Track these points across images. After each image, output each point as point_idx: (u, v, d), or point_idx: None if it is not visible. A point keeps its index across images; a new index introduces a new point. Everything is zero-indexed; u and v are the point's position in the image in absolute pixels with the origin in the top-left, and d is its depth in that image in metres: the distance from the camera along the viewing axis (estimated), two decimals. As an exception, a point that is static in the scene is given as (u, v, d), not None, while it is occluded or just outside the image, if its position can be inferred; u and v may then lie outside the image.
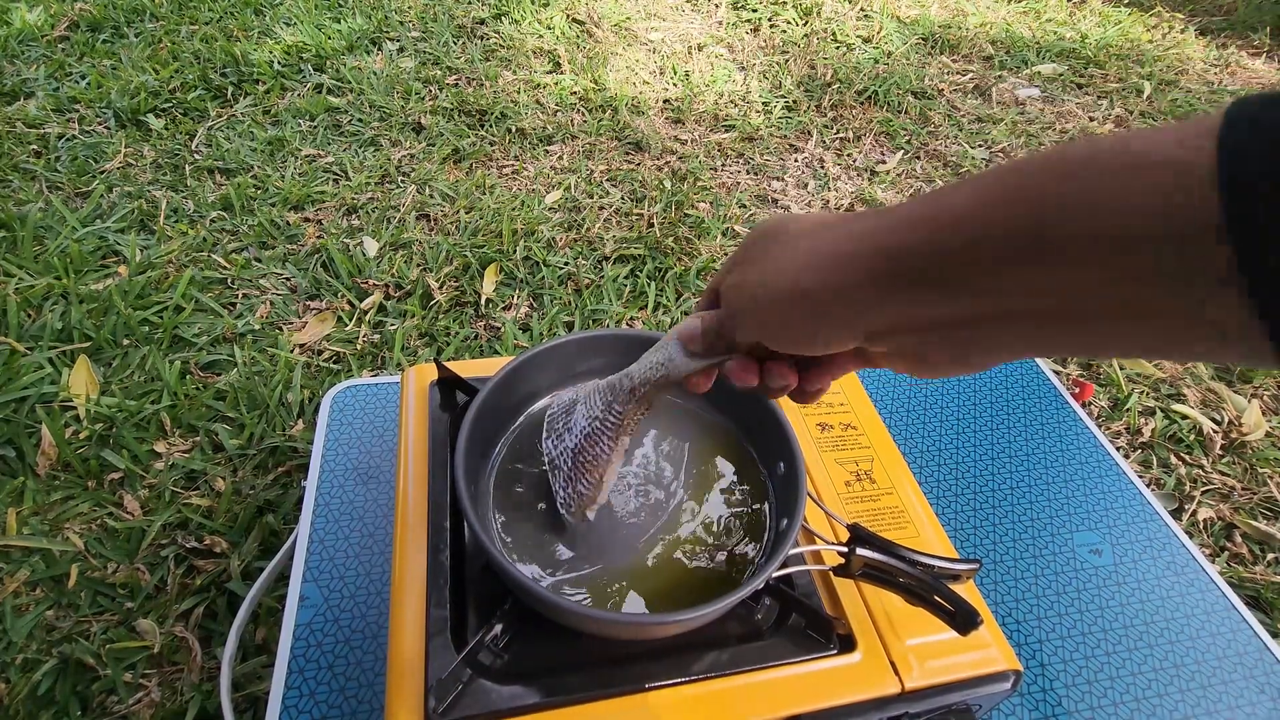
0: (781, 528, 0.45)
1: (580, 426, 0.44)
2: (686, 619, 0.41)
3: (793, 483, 0.46)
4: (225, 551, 0.79)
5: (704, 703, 0.42)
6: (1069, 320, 0.22)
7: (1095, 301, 0.21)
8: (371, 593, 0.59)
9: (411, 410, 0.56)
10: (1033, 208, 0.21)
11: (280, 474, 0.87)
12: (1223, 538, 0.91)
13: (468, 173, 1.43)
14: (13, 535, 0.79)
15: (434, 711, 0.39)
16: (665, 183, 1.42)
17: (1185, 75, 1.95)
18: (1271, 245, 0.16)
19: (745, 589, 0.40)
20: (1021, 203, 0.21)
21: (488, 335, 1.09)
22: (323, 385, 0.98)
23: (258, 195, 1.31)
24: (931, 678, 0.45)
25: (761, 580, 0.41)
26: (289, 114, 1.52)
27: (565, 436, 0.45)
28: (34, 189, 1.27)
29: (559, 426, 0.46)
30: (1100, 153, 0.20)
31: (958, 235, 0.23)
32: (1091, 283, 0.20)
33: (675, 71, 1.80)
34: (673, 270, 1.22)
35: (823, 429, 0.60)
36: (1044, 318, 0.22)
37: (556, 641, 0.44)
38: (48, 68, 1.57)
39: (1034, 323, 0.23)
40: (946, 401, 0.81)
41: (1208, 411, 1.05)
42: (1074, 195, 0.20)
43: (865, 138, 1.63)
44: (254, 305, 1.10)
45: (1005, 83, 1.87)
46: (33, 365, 0.95)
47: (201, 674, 0.70)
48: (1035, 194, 0.21)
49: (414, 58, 1.75)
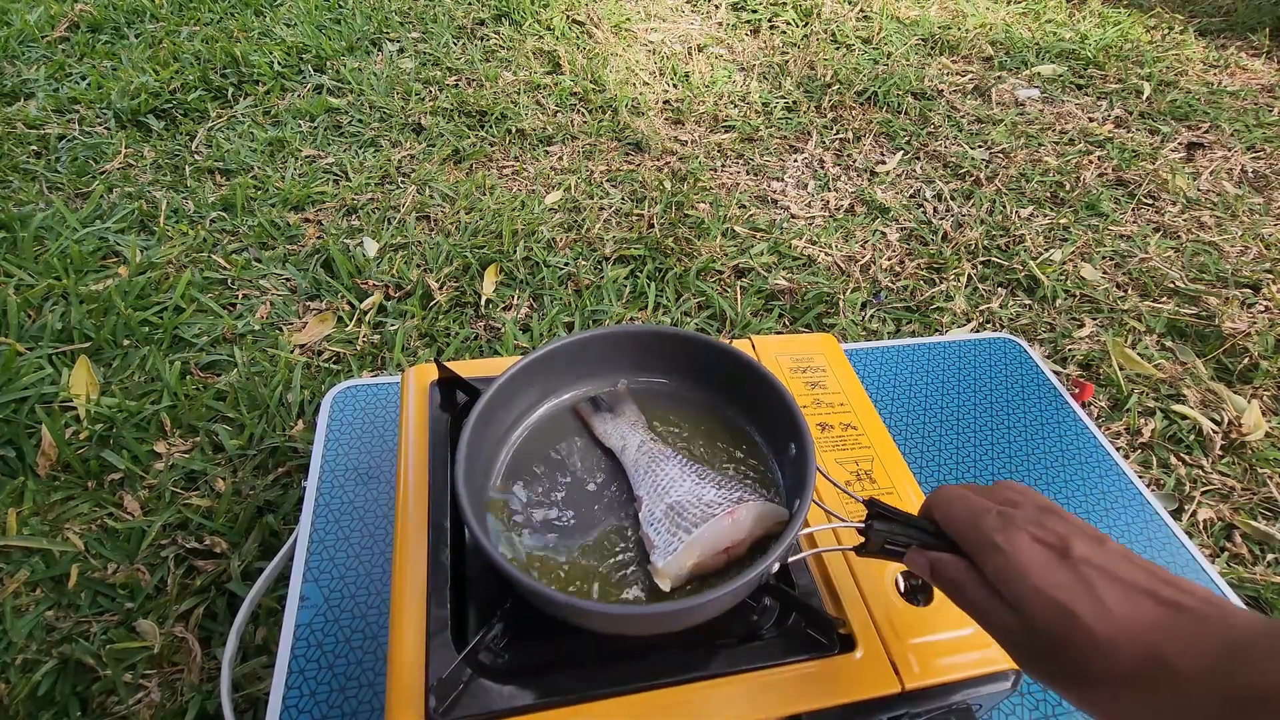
0: (794, 508, 0.45)
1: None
2: (688, 607, 0.40)
3: (802, 463, 0.45)
4: (225, 552, 0.79)
5: (704, 702, 0.42)
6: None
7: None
8: (371, 593, 0.59)
9: (412, 410, 0.56)
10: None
11: (280, 474, 0.87)
12: (1223, 538, 0.91)
13: (468, 173, 1.43)
14: (13, 535, 0.79)
15: (434, 711, 0.39)
16: (665, 183, 1.42)
17: (1185, 76, 1.95)
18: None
19: (758, 568, 0.40)
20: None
21: (488, 335, 1.09)
22: (323, 385, 0.98)
23: (258, 196, 1.31)
24: (932, 677, 0.45)
25: (774, 560, 0.40)
26: (289, 115, 1.52)
27: (706, 509, 0.45)
28: (34, 189, 1.27)
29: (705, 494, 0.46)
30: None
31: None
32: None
33: (675, 72, 1.80)
34: (673, 271, 1.22)
35: (823, 429, 0.60)
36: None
37: (557, 641, 0.44)
38: (48, 68, 1.58)
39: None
40: (946, 402, 0.81)
41: (1208, 412, 1.05)
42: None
43: (865, 138, 1.63)
44: (254, 306, 1.10)
45: (1005, 83, 1.87)
46: (33, 365, 0.95)
47: (201, 674, 0.70)
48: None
49: (414, 58, 1.75)
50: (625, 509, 0.49)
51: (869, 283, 1.24)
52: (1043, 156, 1.59)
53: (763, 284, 1.21)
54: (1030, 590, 0.32)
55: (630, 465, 0.50)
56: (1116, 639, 0.29)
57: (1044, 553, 0.32)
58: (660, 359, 0.56)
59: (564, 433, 0.54)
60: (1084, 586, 0.31)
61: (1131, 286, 1.29)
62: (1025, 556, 0.32)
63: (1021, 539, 0.33)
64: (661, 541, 0.44)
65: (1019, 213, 1.43)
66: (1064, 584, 0.31)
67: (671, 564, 0.43)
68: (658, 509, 0.46)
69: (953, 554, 0.37)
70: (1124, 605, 0.30)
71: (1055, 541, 0.33)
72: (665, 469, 0.48)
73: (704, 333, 1.14)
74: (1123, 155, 1.61)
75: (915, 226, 1.38)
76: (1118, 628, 0.29)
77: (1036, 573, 0.32)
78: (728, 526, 0.44)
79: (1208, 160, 1.62)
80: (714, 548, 0.44)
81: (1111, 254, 1.35)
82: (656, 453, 0.49)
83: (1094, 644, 0.29)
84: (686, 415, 0.55)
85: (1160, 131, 1.71)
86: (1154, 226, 1.43)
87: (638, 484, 0.49)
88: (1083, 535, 0.33)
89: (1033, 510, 0.35)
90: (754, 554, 0.46)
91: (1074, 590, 0.31)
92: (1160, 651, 0.28)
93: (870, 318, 1.18)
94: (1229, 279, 1.29)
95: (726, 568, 0.45)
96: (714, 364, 0.54)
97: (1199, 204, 1.49)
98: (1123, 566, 0.31)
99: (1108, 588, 0.30)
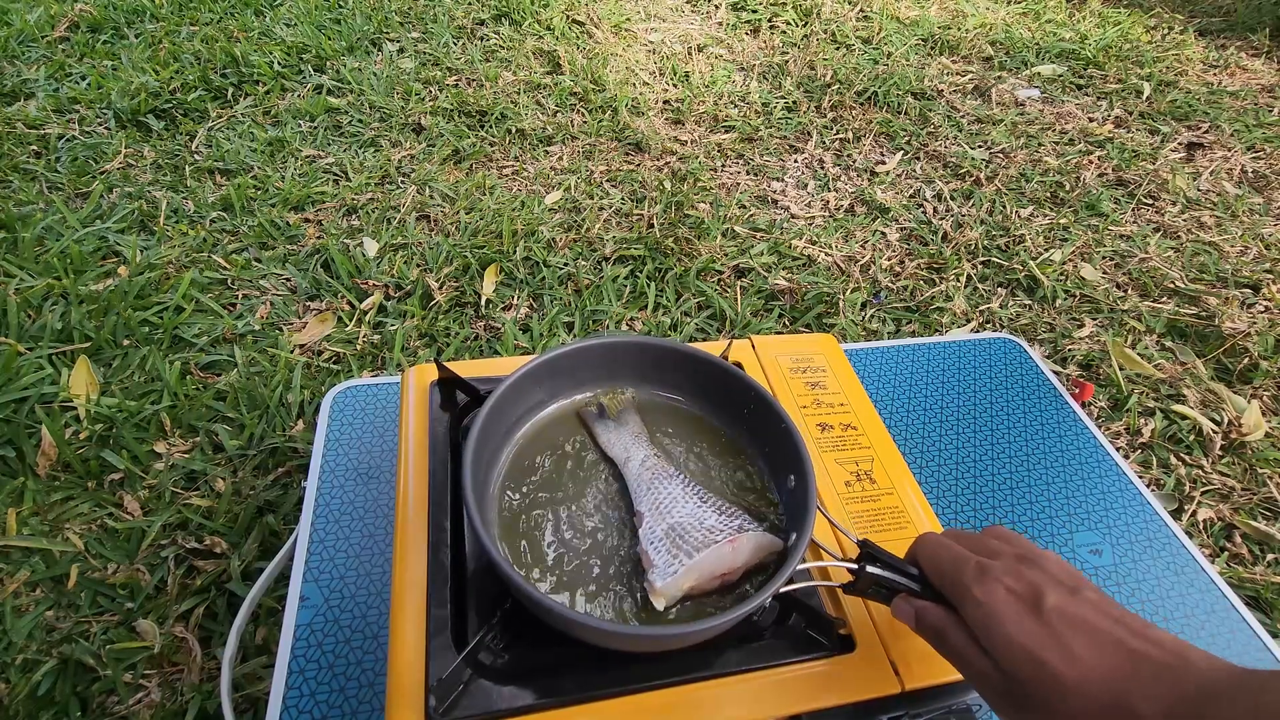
0: (790, 542, 0.45)
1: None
2: (688, 633, 0.41)
3: (802, 497, 0.46)
4: (225, 552, 0.79)
5: (704, 703, 0.42)
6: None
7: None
8: (371, 593, 0.59)
9: (412, 410, 0.56)
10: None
11: (280, 474, 0.87)
12: (1222, 538, 0.91)
13: (468, 173, 1.43)
14: (13, 535, 0.79)
15: (434, 711, 0.39)
16: (665, 183, 1.42)
17: (1185, 76, 1.95)
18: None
19: (752, 603, 0.40)
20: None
21: (488, 336, 1.09)
22: (323, 385, 0.98)
23: (258, 196, 1.31)
24: (932, 678, 0.45)
25: (768, 595, 0.40)
26: (289, 115, 1.52)
27: (705, 532, 0.45)
28: (34, 189, 1.27)
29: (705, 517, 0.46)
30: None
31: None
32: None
33: (675, 72, 1.80)
34: (673, 271, 1.22)
35: (823, 429, 0.60)
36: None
37: (558, 642, 0.43)
38: (48, 68, 1.57)
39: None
40: (946, 401, 0.81)
41: (1207, 412, 1.05)
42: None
43: (865, 138, 1.63)
44: (254, 306, 1.10)
45: (1005, 84, 1.87)
46: (33, 365, 0.95)
47: (201, 674, 0.70)
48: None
49: (414, 58, 1.75)
50: (624, 522, 0.49)
51: (869, 283, 1.24)
52: (1043, 156, 1.59)
53: (763, 284, 1.21)
54: (1003, 639, 0.34)
55: (633, 479, 0.50)
56: (1084, 686, 0.31)
57: (1016, 604, 0.34)
58: (669, 373, 0.57)
59: (567, 436, 0.54)
60: (1053, 637, 0.32)
61: (1131, 286, 1.29)
62: (999, 607, 0.34)
63: (997, 591, 0.35)
64: (661, 561, 0.44)
65: (1019, 213, 1.43)
66: (1034, 633, 0.33)
67: (670, 585, 0.43)
68: (658, 528, 0.46)
69: (936, 603, 0.39)
70: (1091, 654, 0.32)
71: (1028, 593, 0.34)
72: (668, 488, 0.48)
73: (704, 334, 1.14)
74: (1123, 155, 1.61)
75: (915, 226, 1.38)
76: (1085, 676, 0.31)
77: (1010, 623, 0.34)
78: (728, 554, 0.44)
79: (1208, 160, 1.62)
80: (712, 573, 0.44)
81: (1111, 254, 1.35)
82: (660, 470, 0.50)
83: (1062, 691, 0.31)
84: (689, 429, 0.55)
85: (1160, 131, 1.71)
86: (1154, 226, 1.43)
87: (639, 499, 0.49)
88: (1056, 585, 0.35)
89: (1011, 561, 0.37)
90: (746, 580, 0.47)
91: (1044, 639, 0.33)
92: (1126, 699, 0.30)
93: (870, 318, 1.18)
94: (1229, 279, 1.29)
95: (719, 591, 0.46)
96: (722, 385, 0.54)
97: (1199, 204, 1.49)
98: (1093, 616, 0.33)
99: (1074, 637, 0.32)
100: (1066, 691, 0.31)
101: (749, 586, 0.46)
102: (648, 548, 0.45)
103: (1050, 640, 0.32)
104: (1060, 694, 0.31)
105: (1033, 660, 0.32)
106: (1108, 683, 0.31)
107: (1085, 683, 0.31)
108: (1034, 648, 0.32)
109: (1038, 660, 0.32)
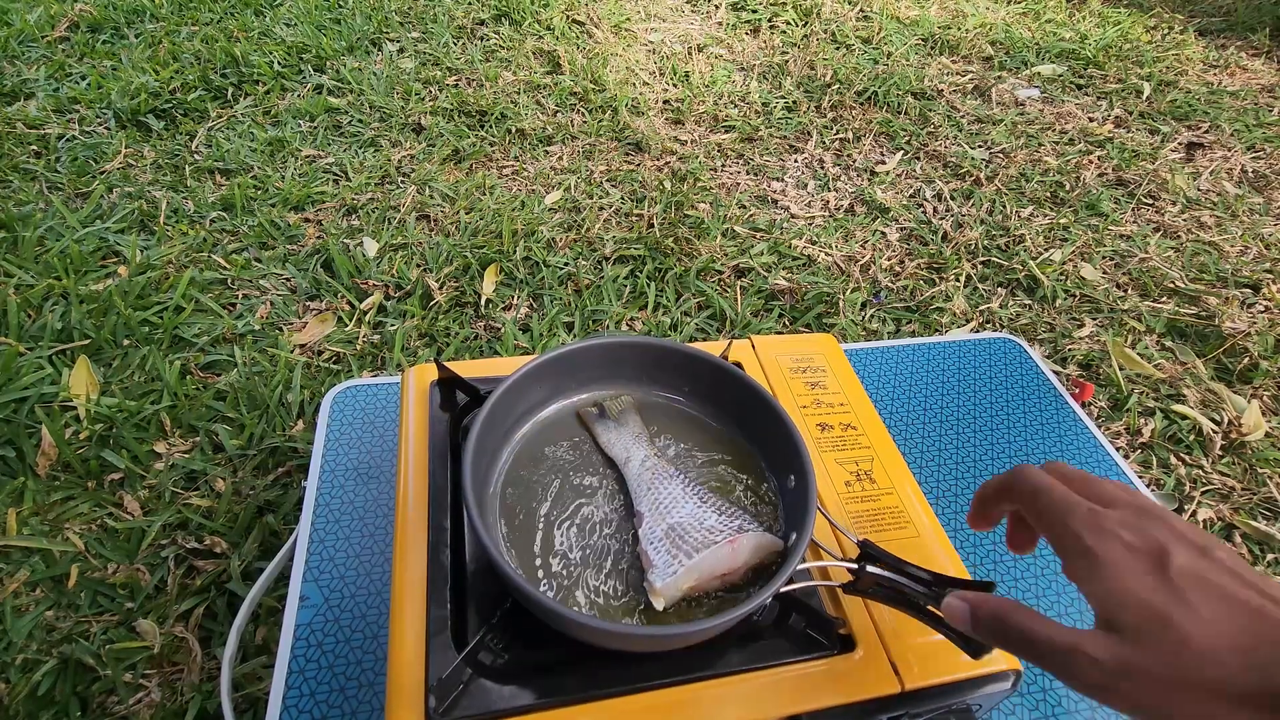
0: (790, 542, 0.45)
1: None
2: (688, 633, 0.41)
3: (803, 497, 0.46)
4: (225, 552, 0.79)
5: (704, 703, 0.42)
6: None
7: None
8: (371, 593, 0.59)
9: (412, 410, 0.56)
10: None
11: (280, 474, 0.87)
12: (1222, 538, 0.91)
13: (468, 173, 1.43)
14: (13, 535, 0.79)
15: (434, 711, 0.39)
16: (665, 183, 1.42)
17: (1185, 76, 1.95)
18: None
19: (752, 603, 0.40)
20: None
21: (488, 335, 1.09)
22: (323, 385, 0.98)
23: (258, 196, 1.31)
24: (932, 678, 0.45)
25: (768, 595, 0.41)
26: (289, 114, 1.52)
27: (709, 533, 0.45)
28: (34, 189, 1.27)
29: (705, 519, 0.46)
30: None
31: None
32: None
33: (675, 72, 1.80)
34: (673, 271, 1.22)
35: (823, 429, 0.60)
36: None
37: (558, 641, 0.43)
38: (48, 68, 1.57)
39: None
40: (946, 402, 0.81)
41: (1207, 412, 1.05)
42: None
43: (865, 138, 1.63)
44: (254, 306, 1.10)
45: (1005, 83, 1.87)
46: (33, 365, 0.95)
47: (201, 674, 0.70)
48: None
49: (414, 58, 1.75)
50: (624, 522, 0.49)
51: (869, 283, 1.24)
52: (1043, 156, 1.59)
53: (763, 284, 1.21)
54: (1120, 592, 0.29)
55: (633, 480, 0.50)
56: (1216, 654, 0.27)
57: (1137, 561, 0.30)
58: (669, 373, 0.57)
59: (567, 436, 0.54)
60: (1179, 597, 0.28)
61: (1131, 286, 1.29)
62: (1117, 561, 0.30)
63: (1114, 544, 0.31)
64: (661, 561, 0.44)
65: (1019, 213, 1.43)
66: (1158, 589, 0.29)
67: (670, 585, 0.43)
68: (658, 528, 0.46)
69: (987, 594, 0.35)
70: (1224, 619, 0.27)
71: (1151, 549, 0.30)
72: (668, 488, 0.48)
73: (704, 334, 1.14)
74: (1123, 155, 1.61)
75: (915, 226, 1.38)
76: (1215, 643, 0.27)
77: (1130, 576, 0.30)
78: (727, 554, 0.44)
79: (1208, 160, 1.62)
80: (712, 573, 0.44)
81: (1111, 254, 1.35)
82: (660, 470, 0.50)
83: (1188, 655, 0.27)
84: (689, 429, 0.56)
85: (1160, 131, 1.71)
86: (1154, 226, 1.43)
87: (639, 499, 0.49)
88: (1184, 544, 0.30)
89: (1129, 512, 0.32)
90: (746, 580, 0.47)
91: (1169, 598, 0.28)
92: (1269, 673, 0.26)
93: (870, 318, 1.18)
94: (1229, 279, 1.29)
95: (718, 591, 0.46)
96: (723, 385, 0.55)
97: (1199, 204, 1.49)
98: (1227, 580, 0.29)
99: (1205, 600, 0.28)
100: (1193, 656, 0.27)
101: (749, 587, 0.46)
102: (647, 548, 0.45)
103: (1176, 601, 0.28)
104: (1185, 659, 0.27)
105: (1157, 618, 0.28)
106: (1246, 653, 0.26)
107: (1216, 650, 0.27)
108: (1158, 604, 0.28)
109: (1162, 618, 0.28)
